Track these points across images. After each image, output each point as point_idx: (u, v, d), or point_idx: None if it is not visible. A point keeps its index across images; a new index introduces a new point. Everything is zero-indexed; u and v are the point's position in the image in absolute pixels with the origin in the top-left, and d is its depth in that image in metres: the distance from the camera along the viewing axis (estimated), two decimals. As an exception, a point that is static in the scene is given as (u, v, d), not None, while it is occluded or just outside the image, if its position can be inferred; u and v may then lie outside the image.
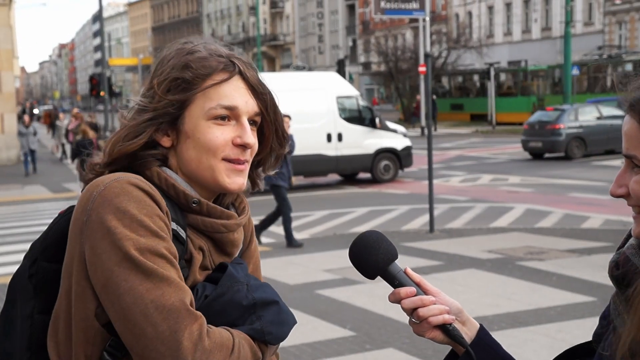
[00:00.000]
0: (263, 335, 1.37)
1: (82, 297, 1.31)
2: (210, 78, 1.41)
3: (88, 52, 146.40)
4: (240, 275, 1.41)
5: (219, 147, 1.41)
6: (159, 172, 1.41)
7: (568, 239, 9.80)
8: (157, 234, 1.30)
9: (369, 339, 6.04)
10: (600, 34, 44.56)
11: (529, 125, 22.07)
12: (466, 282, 7.77)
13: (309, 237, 11.14)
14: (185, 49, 1.44)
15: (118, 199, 1.29)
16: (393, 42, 50.35)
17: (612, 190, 1.27)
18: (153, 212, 1.31)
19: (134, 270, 1.26)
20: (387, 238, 1.42)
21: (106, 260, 1.27)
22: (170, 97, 1.40)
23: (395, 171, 18.01)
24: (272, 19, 78.00)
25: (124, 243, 1.27)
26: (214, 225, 1.42)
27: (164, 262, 1.29)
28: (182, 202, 1.40)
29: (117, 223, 1.27)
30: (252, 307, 1.38)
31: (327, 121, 17.11)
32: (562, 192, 14.72)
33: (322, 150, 17.07)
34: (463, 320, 1.41)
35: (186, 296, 1.28)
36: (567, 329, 6.11)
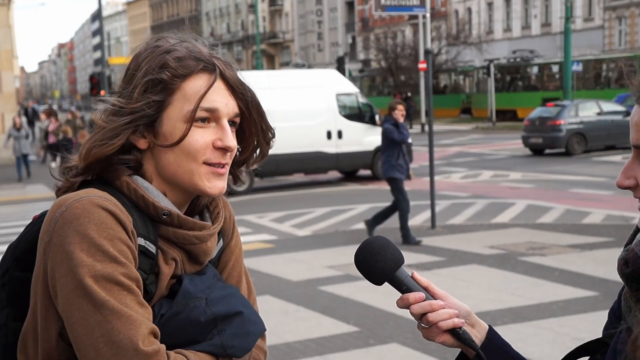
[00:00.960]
0: (225, 350, 1.33)
1: (45, 318, 1.28)
2: (190, 79, 1.36)
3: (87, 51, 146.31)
4: (199, 290, 1.36)
5: (200, 150, 1.35)
6: (129, 182, 1.35)
7: (569, 234, 9.82)
8: (115, 259, 1.25)
9: (373, 334, 6.07)
10: (600, 29, 44.53)
11: (529, 122, 22.04)
12: (468, 278, 7.80)
13: (311, 234, 11.17)
14: (162, 48, 1.38)
15: (78, 221, 1.25)
16: (393, 39, 50.32)
17: (619, 182, 1.25)
18: (114, 235, 1.26)
19: (87, 299, 1.22)
20: (393, 243, 1.41)
21: (63, 286, 1.24)
22: (147, 98, 1.34)
23: None
24: (271, 17, 77.94)
25: (80, 270, 1.22)
26: (186, 237, 1.37)
27: (120, 290, 1.24)
28: (152, 214, 1.35)
29: (76, 247, 1.23)
30: (212, 322, 1.33)
31: (327, 118, 17.12)
32: (563, 188, 14.74)
33: (322, 148, 17.07)
34: (472, 322, 1.41)
35: (138, 331, 1.23)
36: (569, 323, 6.14)
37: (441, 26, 51.20)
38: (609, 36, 44.14)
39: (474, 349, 1.37)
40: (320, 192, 16.32)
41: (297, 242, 10.39)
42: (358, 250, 1.39)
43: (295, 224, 12.02)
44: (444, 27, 51.08)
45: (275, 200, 15.12)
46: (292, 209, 13.55)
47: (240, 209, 13.34)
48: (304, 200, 15.00)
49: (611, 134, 21.06)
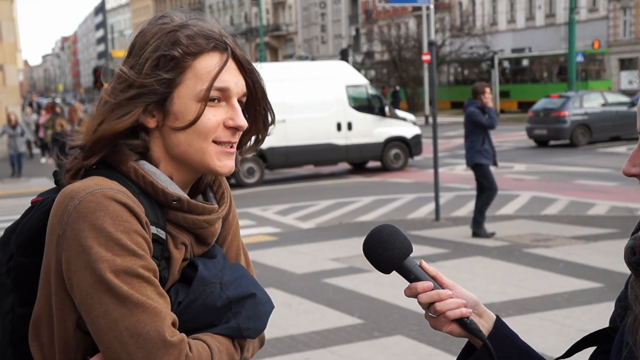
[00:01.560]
0: (241, 333, 1.36)
1: (61, 309, 1.28)
2: (201, 57, 1.35)
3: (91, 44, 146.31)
4: (212, 274, 1.37)
5: (211, 129, 1.35)
6: (137, 168, 1.34)
7: (574, 226, 9.80)
8: (134, 252, 1.25)
9: (377, 327, 6.06)
10: (604, 20, 44.35)
11: (533, 113, 21.99)
12: (473, 270, 7.79)
13: (315, 226, 11.16)
14: (172, 24, 1.36)
15: (94, 215, 1.24)
16: (396, 31, 50.19)
17: (625, 169, 1.25)
18: (130, 228, 1.26)
19: (109, 294, 1.22)
20: (401, 231, 1.41)
21: (81, 280, 1.24)
22: (158, 75, 1.32)
23: (405, 159, 18.13)
24: (274, 9, 77.79)
25: (99, 265, 1.22)
26: (196, 221, 1.38)
27: (141, 282, 1.25)
28: (161, 200, 1.35)
29: (93, 242, 1.23)
30: (227, 306, 1.35)
31: (337, 110, 17.17)
32: (568, 179, 14.71)
33: (332, 139, 17.14)
34: (480, 312, 1.40)
35: (163, 322, 1.24)
36: (574, 315, 6.13)
37: (445, 18, 51.04)
38: (613, 27, 43.96)
39: (480, 339, 1.37)
40: (325, 184, 16.31)
41: (301, 235, 10.39)
42: (366, 239, 1.40)
43: (299, 217, 12.02)
44: (447, 19, 50.91)
45: (279, 193, 15.12)
46: (296, 202, 13.55)
47: (245, 202, 13.34)
48: (308, 192, 15.00)
49: (616, 125, 20.98)
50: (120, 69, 1.36)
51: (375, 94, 18.30)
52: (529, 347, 1.42)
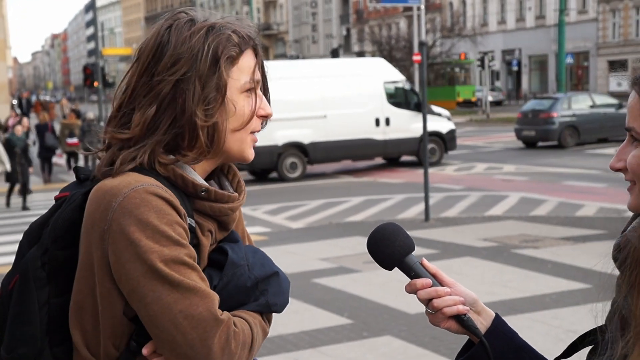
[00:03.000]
0: (269, 308, 1.47)
1: (108, 298, 1.36)
2: (244, 54, 1.44)
3: (81, 42, 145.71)
4: (240, 257, 1.46)
5: (250, 119, 1.45)
6: (165, 162, 1.42)
7: (563, 227, 9.85)
8: (178, 242, 1.34)
9: (367, 327, 6.07)
10: (594, 22, 44.57)
11: (522, 114, 22.09)
12: (462, 270, 7.81)
13: (305, 226, 11.17)
14: (220, 25, 1.43)
15: (139, 210, 1.32)
16: (387, 31, 50.27)
17: (611, 164, 1.30)
18: (173, 220, 1.34)
19: (161, 281, 1.31)
20: (404, 230, 1.45)
21: (132, 270, 1.32)
22: (219, 71, 1.41)
23: (440, 154, 18.59)
24: (265, 8, 77.73)
25: (149, 256, 1.31)
26: (222, 209, 1.46)
27: (187, 269, 1.34)
28: (190, 192, 1.43)
29: (140, 235, 1.31)
30: (255, 285, 1.45)
31: (375, 106, 17.53)
32: (557, 181, 14.77)
33: (370, 135, 17.51)
34: (478, 310, 1.43)
35: (213, 303, 1.34)
36: (562, 315, 6.16)
37: (436, 18, 51.17)
38: (602, 29, 44.19)
39: (477, 336, 1.39)
40: (315, 184, 16.32)
41: (290, 235, 10.39)
42: (370, 236, 1.44)
43: (289, 216, 12.02)
44: (438, 20, 51.06)
45: (269, 193, 15.12)
46: (286, 201, 13.55)
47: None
48: (297, 192, 15.00)
49: (604, 126, 21.09)
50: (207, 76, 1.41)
51: (412, 90, 18.75)
52: (527, 344, 1.44)
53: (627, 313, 1.22)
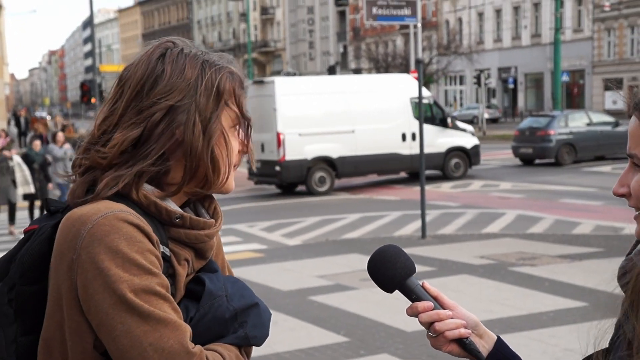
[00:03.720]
0: (249, 341, 1.41)
1: (78, 332, 1.31)
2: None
3: (78, 58, 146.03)
4: (218, 287, 1.41)
5: (236, 155, 1.44)
6: (138, 189, 1.37)
7: (559, 245, 9.84)
8: (150, 271, 1.29)
9: (363, 345, 6.04)
10: (589, 40, 44.83)
11: (519, 132, 22.15)
12: (459, 288, 7.79)
13: (301, 243, 11.14)
14: (214, 60, 1.42)
15: (108, 237, 1.27)
16: (384, 49, 50.47)
17: (614, 190, 1.28)
18: (144, 248, 1.29)
19: (130, 313, 1.26)
20: (405, 252, 1.44)
21: (100, 302, 1.26)
22: (213, 105, 1.40)
23: (465, 169, 18.93)
24: (262, 26, 78.05)
25: (119, 286, 1.26)
26: (198, 236, 1.41)
27: (159, 299, 1.29)
28: (164, 219, 1.38)
29: (110, 263, 1.26)
30: (234, 317, 1.40)
31: (402, 121, 17.85)
32: (553, 198, 14.78)
33: (397, 149, 17.83)
34: (480, 333, 1.42)
35: (184, 335, 1.29)
36: (559, 334, 6.14)
37: (432, 36, 51.42)
38: (598, 47, 44.45)
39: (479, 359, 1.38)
40: (311, 201, 16.31)
41: (287, 252, 10.36)
42: (371, 258, 1.42)
43: (285, 233, 12.00)
44: (435, 37, 51.29)
45: (266, 210, 15.10)
46: (283, 218, 13.53)
47: (231, 218, 13.31)
48: (294, 209, 14.99)
49: (600, 144, 21.15)
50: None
51: (438, 106, 19.11)
52: None
53: (631, 336, 1.21)
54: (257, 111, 17.21)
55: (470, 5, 53.52)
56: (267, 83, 17.44)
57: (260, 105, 16.95)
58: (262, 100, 17.02)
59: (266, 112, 16.78)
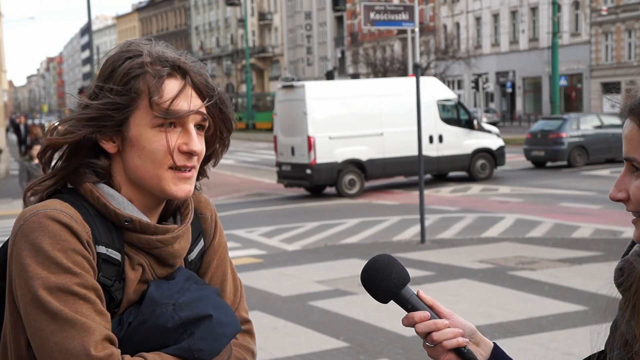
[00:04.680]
0: (192, 354, 1.35)
1: (14, 327, 1.31)
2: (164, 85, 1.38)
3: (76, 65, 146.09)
4: (165, 296, 1.37)
5: (165, 156, 1.37)
6: (92, 190, 1.37)
7: (559, 249, 9.84)
8: (69, 270, 1.27)
9: (363, 350, 6.03)
10: (587, 44, 44.90)
11: (531, 135, 22.33)
12: (458, 293, 7.78)
13: (300, 248, 11.13)
14: (130, 52, 1.40)
15: (34, 234, 1.28)
16: (381, 53, 50.52)
17: (611, 194, 1.27)
18: (68, 247, 1.28)
19: (42, 311, 1.25)
20: (399, 261, 1.41)
21: (22, 297, 1.28)
22: (112, 99, 1.36)
23: (490, 170, 19.21)
24: (260, 31, 78.13)
25: (34, 282, 1.26)
26: (150, 241, 1.39)
27: (75, 299, 1.27)
28: (114, 221, 1.37)
29: (31, 260, 1.27)
30: (181, 327, 1.35)
31: (429, 123, 17.91)
32: (552, 202, 14.78)
33: (424, 151, 17.88)
34: (477, 341, 1.41)
35: (91, 337, 1.25)
36: (559, 338, 6.13)
37: (430, 40, 51.47)
38: (595, 51, 44.52)
39: None
40: (310, 206, 16.30)
41: (286, 257, 10.35)
42: (364, 269, 1.40)
43: (285, 239, 11.99)
44: (432, 42, 51.35)
45: (265, 215, 15.09)
46: (282, 224, 13.52)
47: (230, 224, 13.30)
48: (293, 214, 14.98)
49: (612, 147, 21.31)
50: (79, 98, 1.41)
51: (463, 108, 19.38)
52: None
53: (630, 338, 1.21)
54: (286, 115, 17.67)
55: (468, 9, 53.60)
56: (297, 87, 17.67)
57: (289, 109, 17.38)
58: (291, 104, 17.37)
59: (296, 116, 17.11)
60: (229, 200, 17.36)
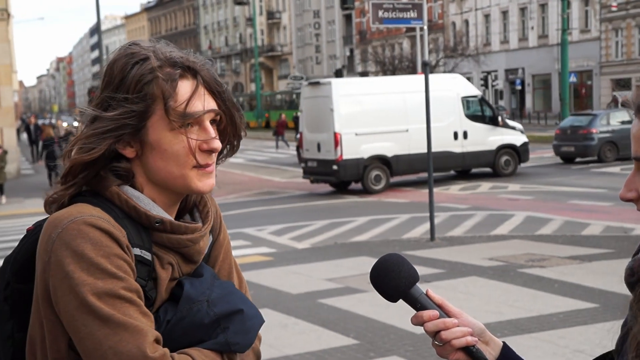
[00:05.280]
0: (229, 347, 1.39)
1: (53, 332, 1.33)
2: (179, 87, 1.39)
3: (86, 65, 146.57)
4: (199, 292, 1.41)
5: (187, 156, 1.39)
6: (119, 193, 1.38)
7: (569, 246, 9.81)
8: (114, 275, 1.30)
9: (373, 347, 6.04)
10: (596, 41, 44.69)
11: (560, 130, 22.38)
12: (468, 290, 7.79)
13: (310, 246, 11.15)
14: (138, 55, 1.39)
15: (75, 242, 1.29)
16: (390, 52, 50.47)
17: (621, 194, 1.27)
18: (111, 252, 1.31)
19: (92, 316, 1.28)
20: (408, 261, 1.42)
21: (67, 304, 1.29)
22: (127, 108, 1.36)
23: (514, 166, 19.42)
24: (269, 30, 78.16)
25: (81, 289, 1.27)
26: (180, 241, 1.42)
27: (122, 303, 1.29)
28: (144, 223, 1.39)
29: (75, 267, 1.28)
30: (215, 322, 1.39)
31: (454, 120, 18.37)
32: (562, 199, 14.74)
33: (449, 147, 18.33)
34: (486, 340, 1.41)
35: (145, 339, 1.28)
36: (569, 335, 6.13)
37: (438, 38, 51.38)
38: (605, 47, 44.30)
39: None
40: (320, 204, 16.31)
41: (296, 255, 10.37)
42: (373, 268, 1.41)
43: (294, 237, 12.01)
44: (441, 39, 51.25)
45: (274, 213, 15.12)
46: (291, 222, 13.54)
47: (240, 222, 13.34)
48: (302, 212, 15.00)
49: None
50: (89, 110, 1.40)
51: (488, 104, 19.57)
52: None
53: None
54: (312, 112, 17.93)
55: (477, 7, 53.44)
56: (323, 84, 17.92)
57: (315, 106, 17.62)
58: (317, 101, 17.60)
59: (322, 113, 17.33)
60: (238, 198, 17.40)
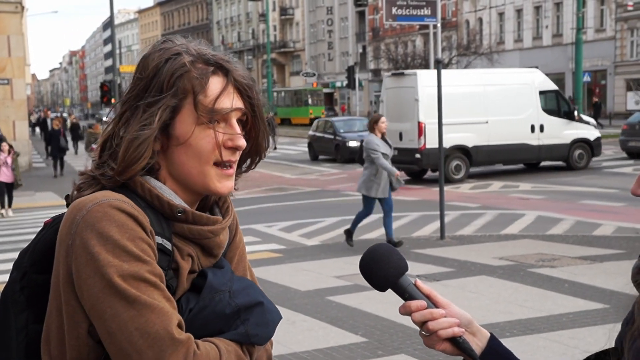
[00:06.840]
0: (249, 339, 1.40)
1: (73, 317, 1.32)
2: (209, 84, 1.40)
3: (98, 59, 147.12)
4: (221, 283, 1.42)
5: (212, 152, 1.40)
6: (143, 182, 1.39)
7: (580, 246, 9.76)
8: (140, 258, 1.30)
9: (381, 345, 6.03)
10: (611, 40, 44.43)
11: (628, 126, 22.48)
12: (477, 289, 7.76)
13: (319, 243, 11.15)
14: (171, 51, 1.41)
15: (100, 223, 1.29)
16: (403, 49, 50.33)
17: (633, 190, 1.27)
18: (136, 235, 1.31)
19: (118, 297, 1.27)
20: (397, 250, 1.43)
21: (91, 286, 1.28)
22: (162, 104, 1.38)
23: (588, 159, 19.96)
24: (281, 26, 78.17)
25: (107, 270, 1.27)
26: (201, 232, 1.43)
27: (147, 286, 1.30)
28: (167, 212, 1.40)
29: (100, 249, 1.28)
30: (236, 313, 1.39)
31: (531, 113, 18.91)
32: (573, 199, 14.66)
33: (526, 140, 18.96)
34: (473, 331, 1.41)
35: (171, 321, 1.29)
36: (579, 336, 6.09)
37: (452, 36, 51.17)
38: (620, 47, 44.03)
39: (473, 358, 1.38)
40: (329, 201, 16.31)
41: (305, 252, 10.37)
42: (362, 258, 1.42)
43: (304, 234, 12.01)
44: (454, 37, 51.04)
45: (284, 210, 15.12)
46: (301, 219, 13.54)
47: (250, 218, 13.35)
48: (312, 209, 15.00)
49: None
50: (121, 108, 1.42)
51: (564, 99, 20.04)
52: None
53: None
54: (394, 102, 18.51)
55: (491, 5, 53.24)
56: (407, 75, 18.52)
57: (398, 96, 18.22)
58: (401, 91, 18.17)
59: (405, 103, 17.86)
60: (248, 194, 17.42)
